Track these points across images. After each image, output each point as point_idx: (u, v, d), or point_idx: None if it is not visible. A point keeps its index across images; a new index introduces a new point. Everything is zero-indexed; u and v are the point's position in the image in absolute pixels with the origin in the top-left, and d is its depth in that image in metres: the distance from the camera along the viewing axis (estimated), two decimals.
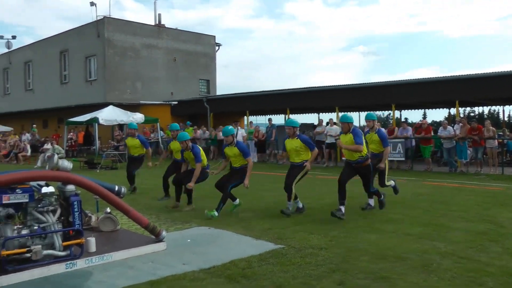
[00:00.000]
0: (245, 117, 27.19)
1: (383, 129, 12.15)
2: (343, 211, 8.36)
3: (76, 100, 31.22)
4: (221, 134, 23.69)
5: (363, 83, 23.37)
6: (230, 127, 9.58)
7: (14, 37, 40.48)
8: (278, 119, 31.61)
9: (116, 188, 6.89)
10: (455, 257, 5.97)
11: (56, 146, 23.08)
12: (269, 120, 23.97)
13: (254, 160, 9.91)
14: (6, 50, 40.12)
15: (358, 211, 9.26)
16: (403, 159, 18.47)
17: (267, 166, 19.09)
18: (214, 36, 36.53)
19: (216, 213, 8.67)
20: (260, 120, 33.11)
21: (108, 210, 8.21)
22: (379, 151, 9.57)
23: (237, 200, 9.42)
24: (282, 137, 22.80)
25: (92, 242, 6.27)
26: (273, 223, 8.26)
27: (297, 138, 8.95)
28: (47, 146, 23.83)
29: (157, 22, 33.33)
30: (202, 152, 9.87)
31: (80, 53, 31.75)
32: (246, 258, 6.11)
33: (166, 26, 33.83)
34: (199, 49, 35.06)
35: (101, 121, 22.05)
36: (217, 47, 36.68)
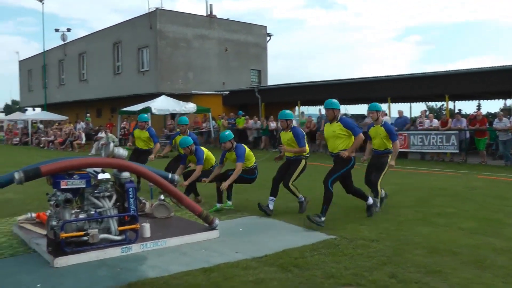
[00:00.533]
0: (296, 108, 27.04)
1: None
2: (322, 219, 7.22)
3: (129, 90, 31.84)
4: (271, 124, 23.79)
5: (415, 73, 22.79)
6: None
7: (69, 30, 41.58)
8: None
9: (170, 175, 6.96)
10: (511, 254, 5.75)
11: (110, 134, 23.62)
12: (320, 110, 23.76)
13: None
14: (62, 43, 41.26)
15: (408, 204, 9.06)
16: (457, 151, 17.90)
17: (317, 156, 18.91)
18: (265, 26, 36.46)
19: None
20: (311, 111, 32.89)
21: (162, 197, 8.33)
22: (385, 147, 8.39)
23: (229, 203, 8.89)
24: None
25: (146, 228, 6.39)
26: None
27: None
28: (101, 134, 24.42)
29: (209, 13, 33.51)
30: (207, 154, 9.29)
31: (133, 44, 32.30)
32: (298, 247, 6.09)
33: (218, 16, 33.98)
34: (250, 39, 35.07)
35: (154, 111, 22.38)
36: (268, 38, 36.58)
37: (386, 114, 18.39)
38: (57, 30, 40.85)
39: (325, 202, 7.29)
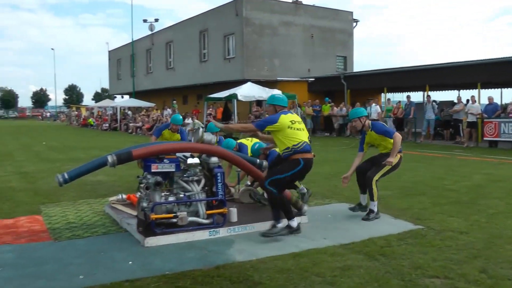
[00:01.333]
0: (382, 94, 26.35)
1: (377, 121, 8.89)
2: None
3: (215, 77, 32.33)
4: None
5: (507, 57, 21.26)
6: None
7: (156, 20, 42.78)
8: (417, 96, 30.32)
9: (258, 161, 6.93)
10: None
11: (196, 121, 24.01)
12: (408, 97, 23.01)
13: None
14: (149, 32, 42.57)
15: (499, 195, 8.54)
16: None
17: (405, 144, 18.35)
18: (352, 12, 35.72)
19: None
20: (397, 97, 31.94)
21: (249, 182, 8.33)
22: (390, 148, 6.94)
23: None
24: (421, 115, 21.99)
25: (234, 212, 6.42)
26: (411, 202, 7.97)
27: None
28: (188, 121, 24.91)
29: None
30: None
31: (219, 32, 32.71)
32: (385, 236, 5.97)
33: (303, 3, 33.70)
34: (336, 25, 34.47)
35: (240, 97, 22.54)
36: (354, 23, 35.83)
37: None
38: (145, 20, 42.21)
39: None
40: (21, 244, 5.85)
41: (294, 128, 5.95)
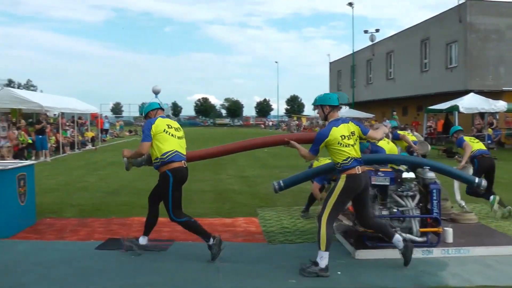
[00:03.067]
0: None
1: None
2: None
3: (435, 88, 31.00)
4: None
5: None
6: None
7: (377, 31, 42.70)
8: None
9: (476, 180, 6.53)
10: None
11: (415, 133, 23.44)
12: None
13: None
14: (370, 43, 42.69)
15: None
16: None
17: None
18: None
19: None
20: None
21: (463, 203, 7.94)
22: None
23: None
24: None
25: (449, 232, 6.13)
26: None
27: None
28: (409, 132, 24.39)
29: None
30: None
31: (441, 40, 31.33)
32: None
33: None
34: None
35: (461, 109, 21.35)
36: None
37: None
38: (366, 31, 42.49)
39: None
40: (237, 242, 6.41)
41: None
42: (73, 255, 5.81)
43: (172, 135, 5.66)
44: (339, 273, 5.15)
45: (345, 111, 44.52)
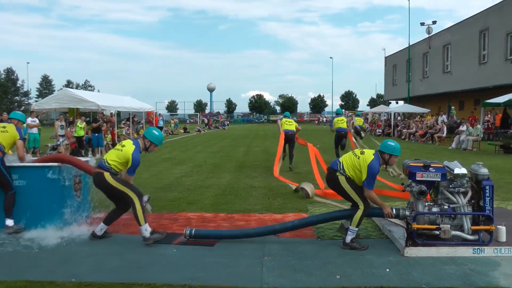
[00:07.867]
0: None
1: None
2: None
3: (494, 81, 29.98)
4: None
5: None
6: None
7: (434, 22, 41.56)
8: None
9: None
10: None
11: (470, 128, 22.79)
12: None
13: None
14: (426, 36, 41.70)
15: None
16: None
17: None
18: None
19: None
20: None
21: None
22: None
23: None
24: None
25: (502, 231, 5.92)
26: None
27: None
28: (462, 128, 23.75)
29: None
30: None
31: (501, 30, 30.21)
32: None
33: None
34: None
35: None
36: None
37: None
38: (422, 23, 41.49)
39: None
40: (286, 238, 6.42)
41: None
42: (125, 247, 5.99)
43: None
44: (387, 270, 5.11)
45: (397, 106, 43.88)
